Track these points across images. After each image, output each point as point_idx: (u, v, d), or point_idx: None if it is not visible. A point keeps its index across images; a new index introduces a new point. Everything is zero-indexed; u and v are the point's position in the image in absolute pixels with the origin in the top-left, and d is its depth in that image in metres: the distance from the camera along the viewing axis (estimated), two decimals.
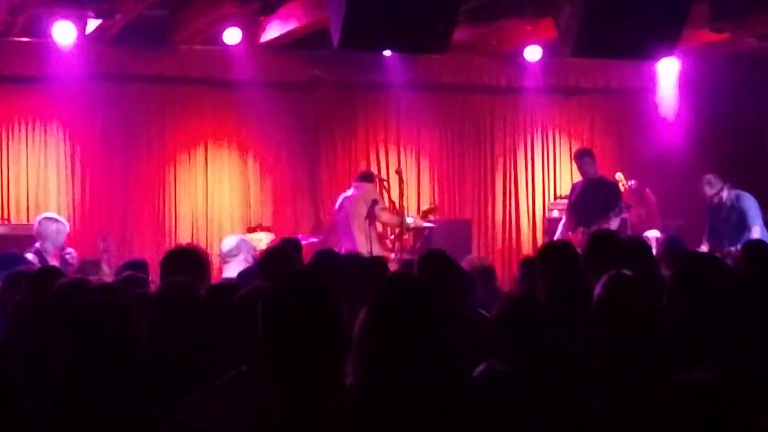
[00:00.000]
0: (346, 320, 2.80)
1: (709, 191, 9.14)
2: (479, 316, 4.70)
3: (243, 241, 7.13)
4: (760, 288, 4.37)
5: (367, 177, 10.19)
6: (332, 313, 2.70)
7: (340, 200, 10.08)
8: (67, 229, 8.12)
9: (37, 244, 7.83)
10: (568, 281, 4.22)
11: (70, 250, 7.97)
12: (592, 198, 9.36)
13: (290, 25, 9.71)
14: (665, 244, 7.21)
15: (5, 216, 10.23)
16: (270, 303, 2.70)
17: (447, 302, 4.41)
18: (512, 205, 12.25)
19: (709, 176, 9.24)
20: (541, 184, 12.30)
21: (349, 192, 10.05)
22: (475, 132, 12.14)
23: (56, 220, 8.03)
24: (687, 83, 11.64)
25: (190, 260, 4.85)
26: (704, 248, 8.85)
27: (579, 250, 5.55)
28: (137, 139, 10.87)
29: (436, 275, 4.70)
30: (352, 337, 2.76)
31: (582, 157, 9.75)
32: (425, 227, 10.50)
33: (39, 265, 6.19)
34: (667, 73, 11.58)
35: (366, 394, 2.63)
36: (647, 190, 11.05)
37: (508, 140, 12.23)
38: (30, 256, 7.48)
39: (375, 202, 9.73)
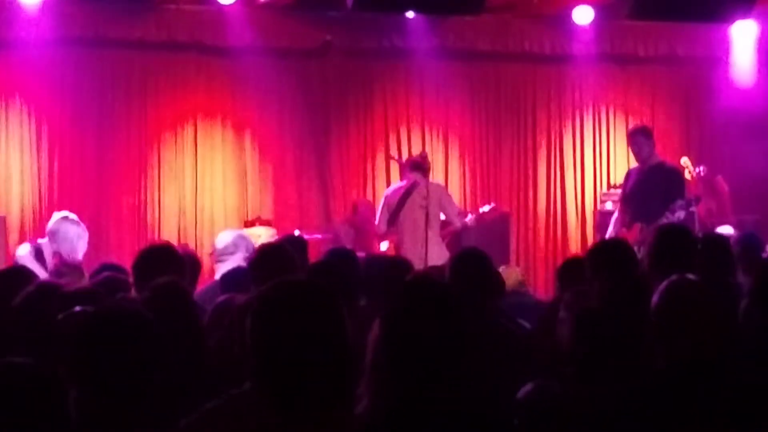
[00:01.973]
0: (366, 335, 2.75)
1: None
2: (519, 327, 4.76)
3: (241, 237, 7.12)
4: None
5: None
6: (337, 333, 2.56)
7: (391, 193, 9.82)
8: (86, 235, 8.05)
9: (42, 241, 7.80)
10: (623, 287, 4.25)
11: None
12: (651, 188, 9.19)
13: None
14: (740, 243, 7.09)
15: None
16: (259, 322, 2.57)
17: (480, 311, 4.48)
18: (558, 196, 12.29)
19: None
20: (593, 170, 12.31)
21: (400, 183, 9.82)
22: (514, 108, 12.17)
23: (78, 223, 7.89)
24: (767, 51, 11.62)
25: (168, 261, 4.82)
26: None
27: (636, 248, 5.61)
28: (114, 116, 10.90)
29: (471, 280, 4.74)
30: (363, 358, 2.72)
31: (636, 137, 9.51)
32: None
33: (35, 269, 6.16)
34: (744, 38, 11.58)
35: (378, 424, 2.60)
36: (718, 177, 11.06)
37: (553, 118, 12.25)
38: (24, 251, 7.55)
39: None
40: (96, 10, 10.25)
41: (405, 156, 11.17)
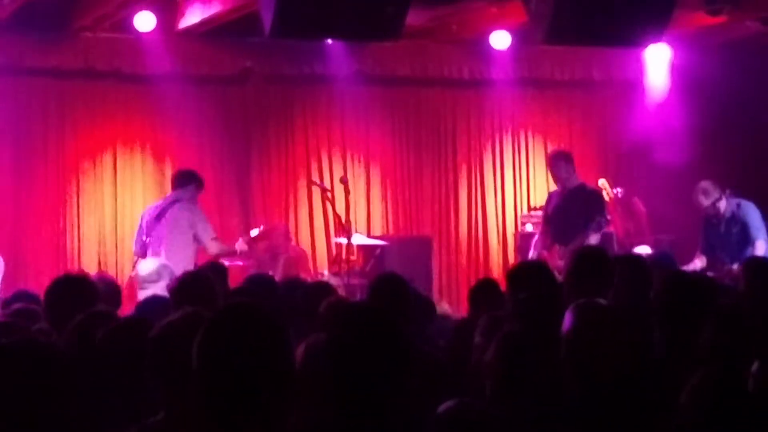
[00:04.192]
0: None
1: (704, 201, 9.15)
2: (434, 350, 4.82)
3: (164, 266, 7.14)
4: (760, 306, 4.83)
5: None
6: (282, 354, 2.59)
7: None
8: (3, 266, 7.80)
9: None
10: (542, 309, 4.28)
11: None
12: (570, 210, 9.35)
13: (213, 9, 9.68)
14: (655, 262, 7.25)
15: None
16: (208, 343, 2.56)
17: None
18: (479, 219, 12.33)
19: (704, 183, 9.25)
20: (513, 193, 12.39)
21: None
22: (433, 133, 12.22)
23: None
24: (680, 74, 11.76)
25: (81, 291, 4.80)
26: (697, 265, 8.93)
27: (555, 272, 5.70)
28: (32, 144, 10.71)
29: (389, 304, 4.75)
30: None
31: (557, 161, 9.70)
32: (376, 246, 10.49)
33: None
34: (657, 62, 11.72)
35: None
36: (635, 199, 11.21)
37: (473, 142, 12.33)
38: None
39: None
40: (13, 37, 10.09)
41: (326, 181, 11.22)
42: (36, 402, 2.71)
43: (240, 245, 9.30)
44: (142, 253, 8.95)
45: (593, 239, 9.01)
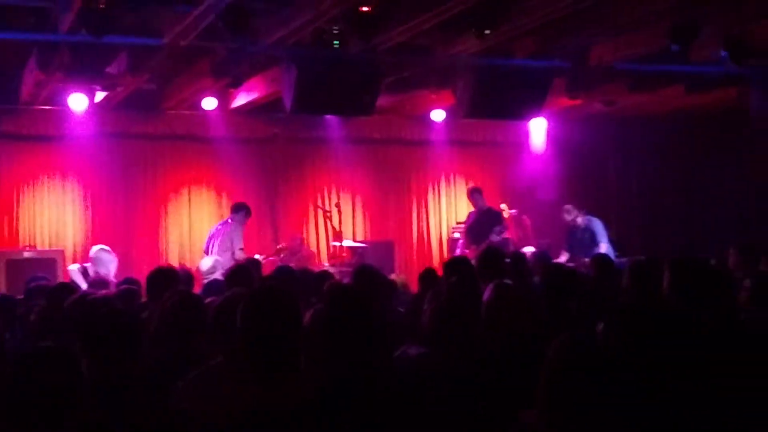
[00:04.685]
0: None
1: (568, 217, 9.21)
2: (396, 315, 4.73)
3: (217, 261, 7.07)
4: (604, 286, 4.90)
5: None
6: (296, 320, 2.58)
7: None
8: (116, 261, 7.72)
9: (87, 265, 7.56)
10: (465, 285, 4.23)
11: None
12: (482, 223, 9.43)
13: (253, 95, 9.60)
14: (536, 257, 7.24)
15: (31, 243, 9.88)
16: (248, 312, 2.56)
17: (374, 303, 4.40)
18: (425, 229, 12.14)
19: (568, 206, 9.31)
20: (446, 213, 12.20)
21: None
22: (396, 176, 12.00)
23: (110, 252, 7.64)
24: (552, 138, 11.61)
25: (170, 277, 4.75)
26: (563, 259, 8.81)
27: (473, 262, 5.59)
28: (135, 185, 10.62)
29: (367, 283, 4.74)
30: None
31: (474, 193, 9.81)
32: (359, 246, 10.26)
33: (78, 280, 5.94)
34: (538, 129, 11.56)
35: (318, 383, 2.54)
36: (524, 216, 11.02)
37: (422, 183, 12.14)
38: (75, 267, 7.48)
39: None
40: (122, 115, 10.05)
41: (327, 205, 11.12)
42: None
43: (240, 255, 8.68)
44: (206, 253, 8.85)
45: (495, 238, 9.05)
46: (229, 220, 9.01)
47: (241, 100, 9.95)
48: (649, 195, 12.07)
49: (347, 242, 10.28)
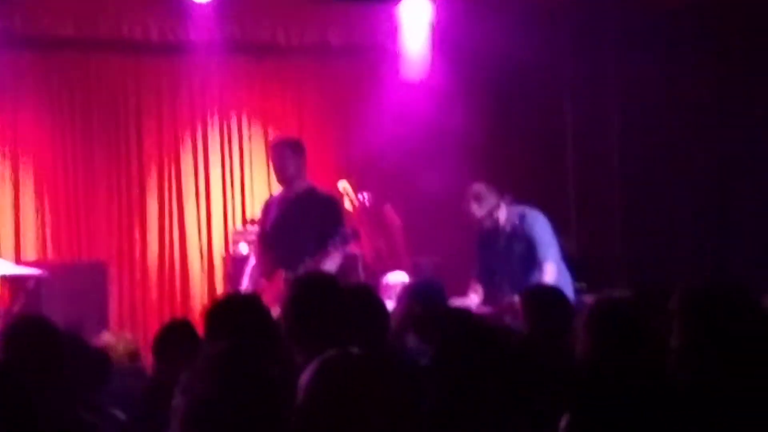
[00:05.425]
0: None
1: (478, 210, 9.19)
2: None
3: None
4: (550, 352, 5.44)
5: None
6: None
7: None
8: None
9: None
10: (238, 364, 4.20)
11: None
12: (297, 222, 9.34)
13: None
14: (411, 293, 7.34)
15: None
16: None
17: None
18: (175, 238, 12.47)
19: (477, 187, 9.30)
20: (222, 201, 12.55)
21: None
22: (110, 118, 12.25)
23: None
24: (443, 37, 12.00)
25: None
26: (473, 300, 9.10)
27: (279, 308, 5.76)
28: None
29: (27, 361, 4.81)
30: None
31: (280, 152, 9.57)
32: (27, 276, 10.48)
33: None
34: (414, 21, 11.94)
35: None
36: (387, 207, 11.38)
37: (166, 131, 12.42)
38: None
39: None
40: None
41: None
42: None
43: None
44: None
45: (331, 263, 8.99)
46: None
47: None
48: (639, 167, 12.39)
49: (2, 266, 10.57)
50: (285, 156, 9.51)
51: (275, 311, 6.13)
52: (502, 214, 9.23)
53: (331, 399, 3.77)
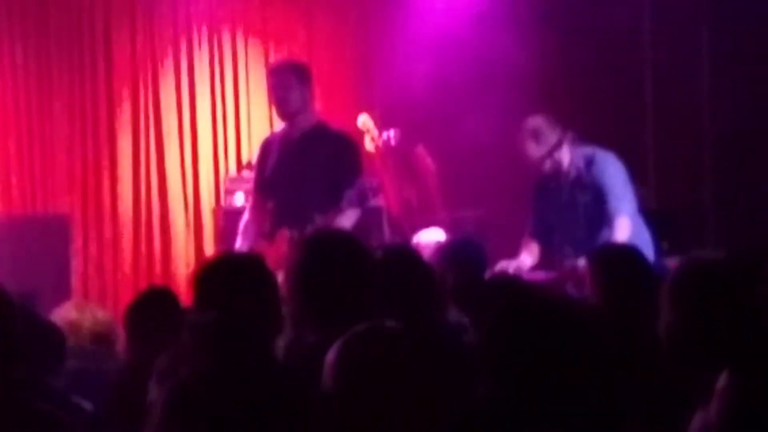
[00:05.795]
0: None
1: (535, 150, 9.22)
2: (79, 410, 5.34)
3: None
4: (620, 345, 5.42)
5: None
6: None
7: None
8: None
9: None
10: (234, 346, 4.52)
11: None
12: (303, 167, 9.43)
13: None
14: (448, 255, 7.48)
15: None
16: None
17: None
18: (153, 185, 12.63)
19: (535, 121, 9.32)
20: (211, 140, 12.69)
21: None
22: (71, 34, 12.41)
23: None
24: None
25: None
26: (525, 262, 9.25)
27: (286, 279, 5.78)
28: None
29: None
30: None
31: (281, 77, 9.57)
32: None
33: None
34: None
35: None
36: (419, 148, 11.43)
37: (141, 52, 12.56)
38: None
39: None
40: None
41: None
42: None
43: None
44: None
45: (348, 219, 9.07)
46: None
47: None
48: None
49: None
50: (288, 84, 9.50)
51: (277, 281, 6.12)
52: (566, 156, 9.23)
53: (363, 384, 3.83)
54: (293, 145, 9.44)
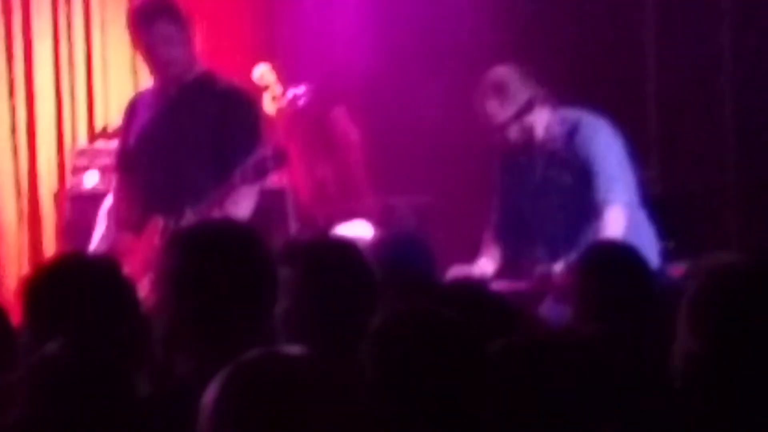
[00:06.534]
0: None
1: (499, 111, 9.34)
2: None
3: None
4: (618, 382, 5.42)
5: None
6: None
7: None
8: None
9: None
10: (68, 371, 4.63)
11: None
12: (182, 133, 9.62)
13: None
14: (378, 256, 7.43)
15: None
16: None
17: None
18: None
19: (500, 74, 9.50)
20: (54, 98, 12.99)
21: None
22: None
23: None
24: None
25: None
26: (485, 267, 9.48)
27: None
28: None
29: None
30: None
31: (160, 30, 9.71)
32: None
33: None
34: None
35: None
36: (337, 111, 11.60)
37: None
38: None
39: None
40: None
41: None
42: None
43: None
44: None
45: (243, 203, 9.34)
46: None
47: None
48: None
49: None
50: (170, 37, 9.74)
51: (144, 287, 6.36)
52: (540, 121, 9.32)
53: (254, 427, 3.80)
54: (170, 104, 9.64)
